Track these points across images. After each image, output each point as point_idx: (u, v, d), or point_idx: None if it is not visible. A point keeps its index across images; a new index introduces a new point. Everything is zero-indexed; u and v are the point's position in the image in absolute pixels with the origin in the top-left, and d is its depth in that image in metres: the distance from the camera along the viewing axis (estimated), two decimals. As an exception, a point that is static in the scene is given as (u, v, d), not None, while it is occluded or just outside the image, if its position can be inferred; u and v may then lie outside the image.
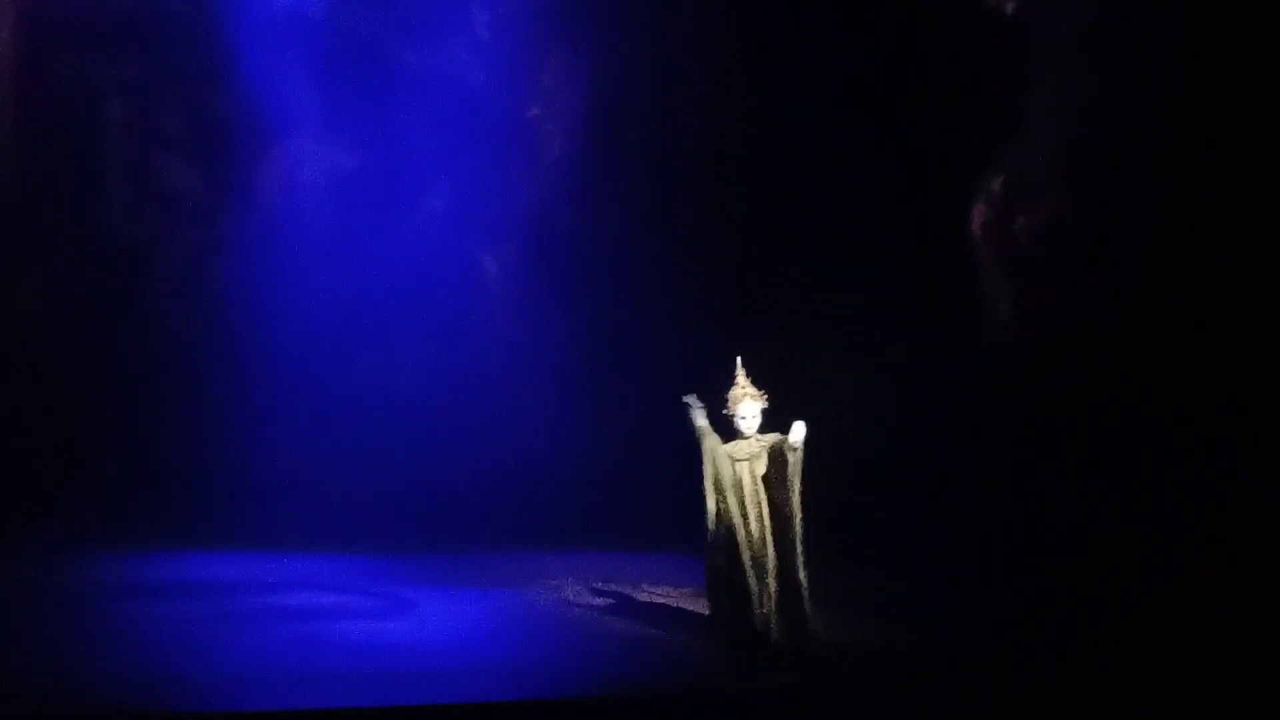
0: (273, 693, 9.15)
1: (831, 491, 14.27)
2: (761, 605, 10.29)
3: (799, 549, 10.34)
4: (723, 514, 10.48)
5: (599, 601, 12.52)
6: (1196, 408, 13.78)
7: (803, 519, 10.40)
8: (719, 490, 10.51)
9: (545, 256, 16.81)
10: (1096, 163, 14.71)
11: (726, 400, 10.69)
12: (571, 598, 12.67)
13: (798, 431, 10.23)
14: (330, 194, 16.58)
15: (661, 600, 12.34)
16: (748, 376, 10.73)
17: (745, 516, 10.42)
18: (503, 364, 16.59)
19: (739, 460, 10.54)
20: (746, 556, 10.35)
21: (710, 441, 10.59)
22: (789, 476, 10.36)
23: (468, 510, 15.72)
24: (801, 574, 10.33)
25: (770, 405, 10.69)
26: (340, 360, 16.05)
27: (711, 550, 10.57)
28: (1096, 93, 14.65)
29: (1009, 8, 15.24)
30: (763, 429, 10.65)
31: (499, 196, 16.91)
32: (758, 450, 10.54)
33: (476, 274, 16.92)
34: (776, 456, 10.43)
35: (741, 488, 10.48)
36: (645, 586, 12.89)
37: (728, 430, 10.67)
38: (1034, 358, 15.05)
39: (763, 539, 10.39)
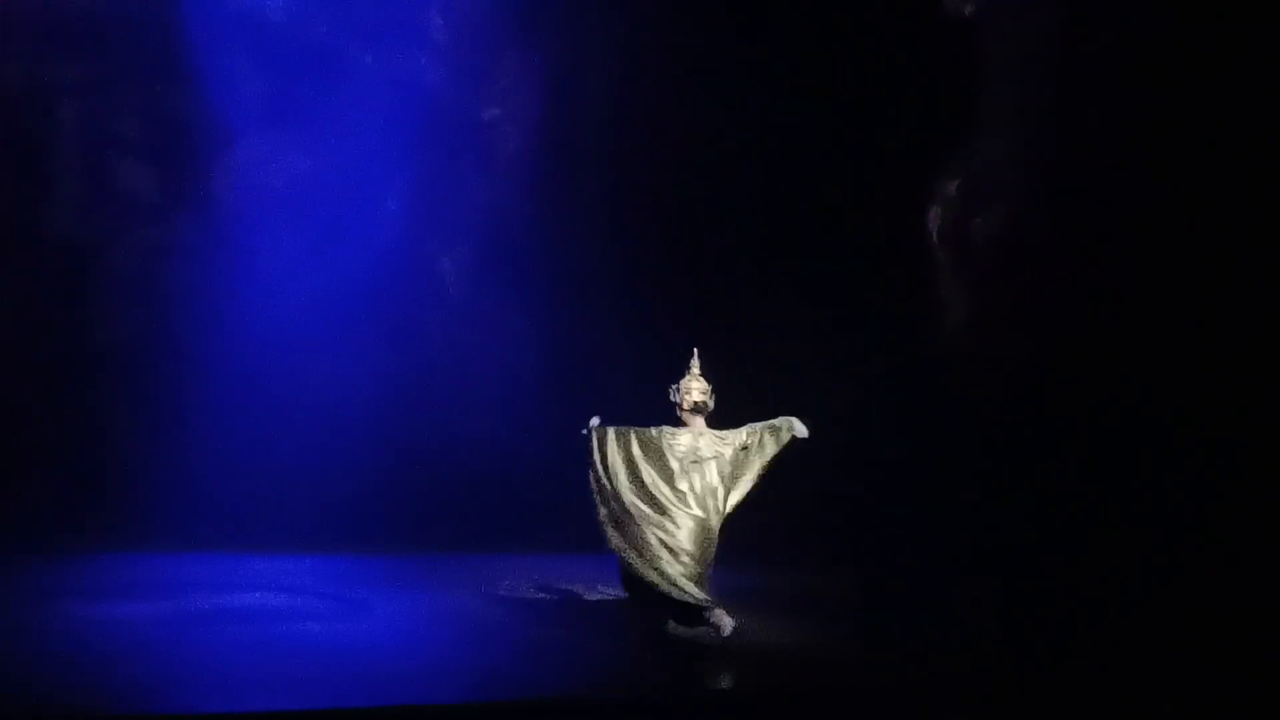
0: (221, 695, 9.07)
1: (788, 495, 14.48)
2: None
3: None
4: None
5: (552, 602, 12.50)
6: (1153, 408, 13.82)
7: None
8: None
9: (502, 258, 16.78)
10: (1052, 166, 14.76)
11: (677, 389, 11.01)
12: (524, 597, 12.67)
13: (800, 427, 10.89)
14: (285, 195, 16.47)
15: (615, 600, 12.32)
16: (701, 371, 11.04)
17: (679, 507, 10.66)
18: (459, 365, 16.54)
19: (687, 460, 10.76)
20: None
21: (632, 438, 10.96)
22: (756, 471, 10.85)
23: (423, 512, 15.69)
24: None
25: (719, 406, 10.86)
26: (295, 362, 15.92)
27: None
28: (1052, 96, 14.70)
29: (966, 11, 15.27)
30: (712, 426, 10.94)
31: (455, 198, 16.87)
32: (714, 452, 10.81)
33: (433, 275, 16.87)
34: (746, 451, 10.83)
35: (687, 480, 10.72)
36: (600, 587, 12.85)
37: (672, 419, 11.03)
38: (990, 360, 15.08)
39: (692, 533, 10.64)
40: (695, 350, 11.15)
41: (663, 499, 10.72)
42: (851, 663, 10.54)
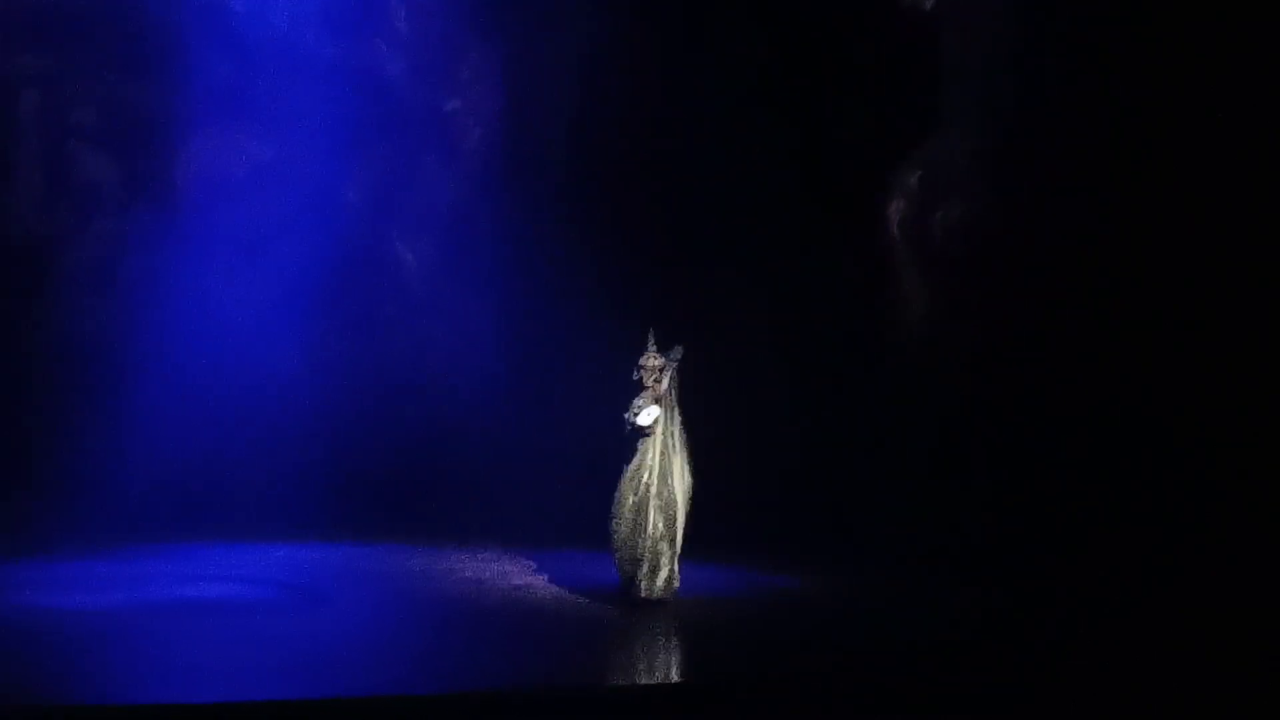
0: (181, 685, 9.09)
1: (745, 487, 14.54)
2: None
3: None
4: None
5: (514, 594, 12.53)
6: (1113, 401, 13.87)
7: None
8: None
9: (462, 249, 16.77)
10: (1013, 158, 14.78)
11: (641, 367, 12.01)
12: (486, 586, 12.72)
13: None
14: (246, 186, 16.43)
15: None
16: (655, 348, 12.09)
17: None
18: (419, 357, 16.50)
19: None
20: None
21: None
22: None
23: (385, 502, 15.68)
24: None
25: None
26: (256, 353, 15.89)
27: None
28: (1013, 89, 14.72)
29: (926, 4, 15.30)
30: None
31: (416, 189, 16.84)
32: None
33: (393, 267, 16.85)
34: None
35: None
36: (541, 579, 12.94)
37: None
38: (950, 353, 15.11)
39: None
40: (651, 331, 12.17)
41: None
42: (826, 656, 10.64)
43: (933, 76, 15.27)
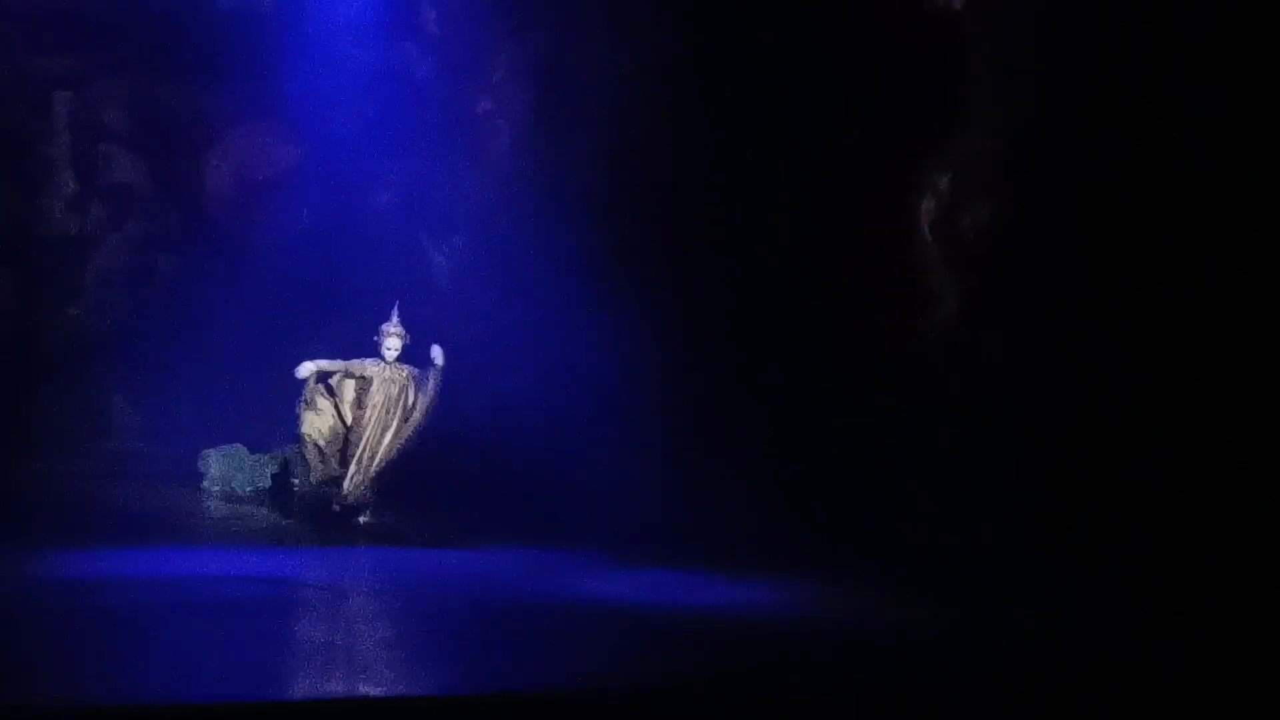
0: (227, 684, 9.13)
1: (776, 489, 14.53)
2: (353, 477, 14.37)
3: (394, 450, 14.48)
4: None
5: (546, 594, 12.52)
6: (1145, 404, 13.79)
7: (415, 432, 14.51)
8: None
9: (493, 251, 16.78)
10: (1044, 157, 14.69)
11: (380, 332, 14.39)
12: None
13: (436, 352, 14.43)
14: (278, 189, 16.51)
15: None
16: (399, 320, 14.49)
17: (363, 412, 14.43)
18: (450, 358, 16.50)
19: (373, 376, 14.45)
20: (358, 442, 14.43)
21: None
22: (427, 397, 14.54)
23: (411, 504, 15.69)
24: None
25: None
26: (285, 355, 15.93)
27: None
28: (1043, 87, 14.63)
29: (955, 2, 15.25)
30: None
31: (448, 191, 16.89)
32: (396, 375, 14.50)
33: (424, 269, 16.89)
34: (416, 380, 14.48)
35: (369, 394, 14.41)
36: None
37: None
38: (981, 354, 15.05)
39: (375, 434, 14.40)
40: (396, 304, 14.58)
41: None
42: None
43: (962, 75, 15.21)
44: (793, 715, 9.31)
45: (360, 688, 9.36)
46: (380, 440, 14.48)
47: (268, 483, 16.10)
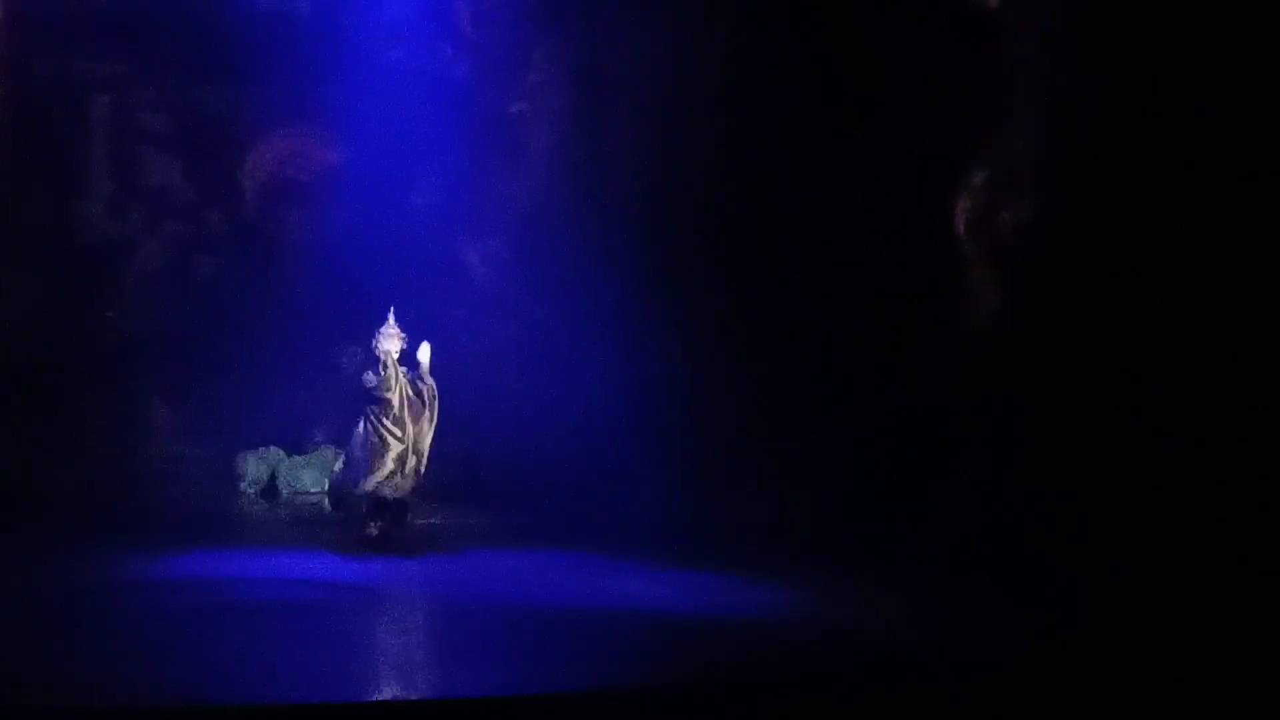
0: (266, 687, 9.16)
1: (807, 492, 14.49)
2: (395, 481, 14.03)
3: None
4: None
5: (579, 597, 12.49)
6: (1184, 403, 13.70)
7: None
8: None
9: (531, 252, 16.78)
10: (1081, 156, 14.61)
11: (378, 337, 14.06)
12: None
13: (424, 352, 14.10)
14: (314, 190, 16.54)
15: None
16: (396, 323, 14.12)
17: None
18: (488, 360, 16.54)
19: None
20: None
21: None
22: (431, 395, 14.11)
23: (453, 503, 15.71)
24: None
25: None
26: (323, 358, 15.98)
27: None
28: (1079, 85, 14.55)
29: (991, 2, 15.17)
30: None
31: (484, 192, 16.90)
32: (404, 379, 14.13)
33: (461, 270, 16.91)
34: (414, 385, 14.08)
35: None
36: None
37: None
38: (1020, 353, 14.98)
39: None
40: (391, 308, 14.13)
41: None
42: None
43: (998, 74, 15.14)
44: (793, 715, 9.32)
45: (381, 692, 9.50)
46: (419, 443, 14.29)
47: (304, 484, 16.15)
